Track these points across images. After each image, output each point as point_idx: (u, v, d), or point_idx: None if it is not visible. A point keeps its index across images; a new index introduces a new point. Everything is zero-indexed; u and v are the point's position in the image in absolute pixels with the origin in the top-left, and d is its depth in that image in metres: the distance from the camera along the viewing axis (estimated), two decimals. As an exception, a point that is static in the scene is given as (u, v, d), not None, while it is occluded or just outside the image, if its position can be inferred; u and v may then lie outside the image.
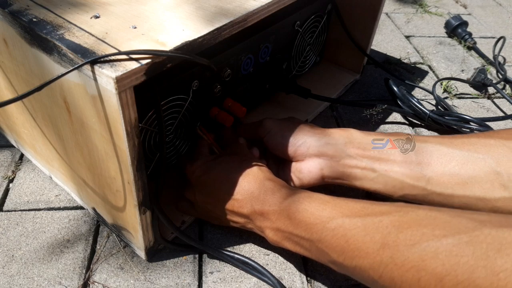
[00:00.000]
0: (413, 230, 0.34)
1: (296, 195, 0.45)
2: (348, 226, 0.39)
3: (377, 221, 0.37)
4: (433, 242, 0.32)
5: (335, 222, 0.40)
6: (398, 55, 0.96)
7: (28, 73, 0.44)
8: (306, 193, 0.45)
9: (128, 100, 0.35)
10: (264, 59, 0.64)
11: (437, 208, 0.37)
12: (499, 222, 0.32)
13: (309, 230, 0.42)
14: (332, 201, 0.43)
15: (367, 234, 0.37)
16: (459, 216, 0.34)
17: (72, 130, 0.44)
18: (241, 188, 0.48)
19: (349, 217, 0.39)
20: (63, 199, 0.58)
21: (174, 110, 0.52)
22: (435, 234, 0.33)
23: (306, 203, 0.43)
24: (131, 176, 0.40)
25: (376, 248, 0.36)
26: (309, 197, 0.44)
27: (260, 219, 0.47)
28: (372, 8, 0.73)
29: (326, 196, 0.44)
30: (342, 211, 0.41)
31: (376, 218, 0.37)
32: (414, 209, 0.37)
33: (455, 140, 0.49)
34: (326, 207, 0.42)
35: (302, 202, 0.44)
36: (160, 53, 0.36)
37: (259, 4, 0.45)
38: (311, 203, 0.43)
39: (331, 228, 0.40)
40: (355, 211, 0.40)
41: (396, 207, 0.38)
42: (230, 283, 0.49)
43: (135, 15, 0.42)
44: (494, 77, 0.91)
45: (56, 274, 0.49)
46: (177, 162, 0.58)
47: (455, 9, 1.21)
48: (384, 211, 0.38)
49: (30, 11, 0.41)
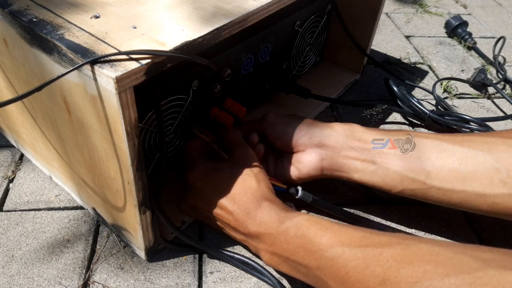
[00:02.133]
0: (415, 266, 0.33)
1: (293, 218, 0.44)
2: (348, 257, 0.38)
3: (378, 253, 0.36)
4: (436, 281, 0.31)
5: (334, 251, 0.39)
6: (398, 55, 0.96)
7: (28, 73, 0.44)
8: (304, 217, 0.44)
9: (128, 100, 0.35)
10: (264, 59, 0.64)
11: (438, 242, 0.36)
12: (503, 262, 0.31)
13: (306, 257, 0.41)
14: (331, 227, 0.41)
15: (368, 267, 0.36)
16: (462, 253, 0.33)
17: (72, 130, 0.44)
18: (239, 205, 0.47)
19: (349, 247, 0.38)
20: (63, 199, 0.58)
21: (174, 110, 0.52)
22: (438, 272, 0.32)
23: (304, 228, 0.42)
24: (131, 176, 0.40)
25: (377, 282, 0.35)
26: (308, 220, 0.43)
27: (256, 240, 0.46)
28: (372, 8, 0.73)
29: (324, 220, 0.43)
30: (342, 239, 0.39)
31: (377, 250, 0.36)
32: (415, 242, 0.36)
33: (455, 137, 0.50)
34: (325, 234, 0.41)
35: (300, 227, 0.43)
36: (160, 53, 0.36)
37: (259, 4, 0.45)
38: (310, 229, 0.42)
39: (330, 257, 0.39)
40: (355, 240, 0.39)
41: (398, 238, 0.37)
42: (230, 283, 0.49)
43: (135, 15, 0.42)
44: (494, 77, 0.91)
45: (56, 274, 0.49)
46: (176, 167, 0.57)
47: (455, 9, 1.21)
48: (384, 242, 0.37)
49: (30, 11, 0.41)
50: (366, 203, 0.61)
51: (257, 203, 0.46)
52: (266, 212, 0.46)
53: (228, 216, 0.48)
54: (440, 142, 0.49)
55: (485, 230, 0.58)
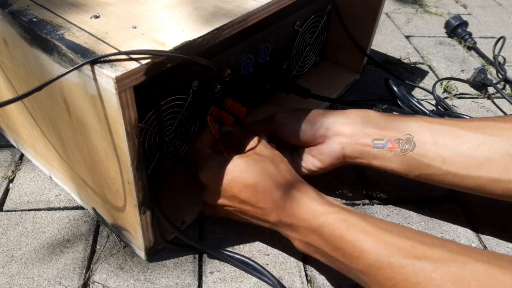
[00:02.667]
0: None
1: (328, 216, 0.42)
2: (396, 269, 0.36)
3: (431, 269, 0.35)
4: None
5: (380, 260, 0.37)
6: (398, 55, 0.96)
7: (28, 73, 0.44)
8: (340, 216, 0.42)
9: (128, 100, 0.35)
10: (264, 59, 0.64)
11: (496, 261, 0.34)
12: None
13: (347, 258, 0.40)
14: (374, 231, 0.40)
15: (419, 284, 0.35)
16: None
17: (72, 130, 0.44)
18: (263, 195, 0.45)
19: (397, 257, 0.37)
20: (63, 199, 0.58)
21: (174, 110, 0.52)
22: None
23: (343, 229, 0.40)
24: (131, 176, 0.40)
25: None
26: (345, 221, 0.41)
27: (288, 229, 0.45)
28: (372, 8, 0.73)
29: (363, 222, 0.41)
30: (388, 248, 0.38)
31: (429, 266, 0.35)
32: (472, 261, 0.34)
33: (471, 123, 0.50)
34: (368, 239, 0.39)
35: (336, 227, 0.41)
36: (160, 53, 0.36)
37: (259, 4, 0.45)
38: (349, 231, 0.40)
39: (375, 266, 0.37)
40: (404, 250, 0.37)
41: (451, 254, 0.36)
42: (230, 283, 0.49)
43: (135, 15, 0.42)
44: (494, 77, 0.91)
45: (56, 274, 0.49)
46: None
47: (455, 9, 1.21)
48: (437, 257, 0.35)
49: (30, 11, 0.41)
50: (366, 203, 0.61)
51: (282, 190, 0.45)
52: (296, 203, 0.44)
53: (253, 209, 0.46)
54: (455, 129, 0.50)
55: (485, 230, 0.58)
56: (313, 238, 0.43)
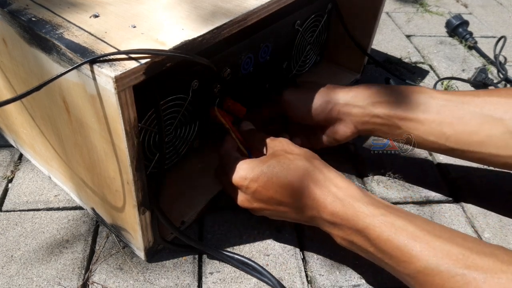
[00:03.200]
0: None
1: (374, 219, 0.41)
2: (446, 277, 0.36)
3: (481, 280, 0.34)
4: None
5: (429, 267, 0.37)
6: (399, 54, 0.96)
7: (27, 73, 0.44)
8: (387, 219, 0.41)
9: (127, 100, 0.35)
10: (264, 58, 0.64)
11: None
12: None
13: (394, 261, 0.40)
14: (422, 236, 0.39)
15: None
16: None
17: (71, 130, 0.44)
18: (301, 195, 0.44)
19: (446, 265, 0.36)
20: (62, 199, 0.58)
21: (174, 109, 0.52)
22: None
23: (391, 233, 0.40)
24: (130, 176, 0.40)
25: None
26: (392, 225, 0.40)
27: (330, 226, 0.45)
28: (372, 7, 0.73)
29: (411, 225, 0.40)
30: (437, 255, 0.37)
31: (480, 276, 0.35)
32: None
33: (477, 99, 0.52)
34: (416, 244, 0.38)
35: (383, 230, 0.40)
36: (160, 52, 0.36)
37: (259, 3, 0.45)
38: (397, 234, 0.39)
39: (424, 272, 0.37)
40: (453, 258, 0.36)
41: (502, 264, 0.35)
42: (230, 284, 0.49)
43: (134, 14, 0.42)
44: (495, 76, 0.91)
45: (55, 275, 0.49)
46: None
47: (455, 9, 1.20)
48: (488, 267, 0.35)
49: (29, 11, 0.41)
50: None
51: (321, 188, 0.44)
52: (338, 202, 0.43)
53: (291, 209, 0.46)
54: (462, 105, 0.52)
55: (485, 230, 0.58)
56: (357, 239, 0.42)
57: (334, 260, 0.53)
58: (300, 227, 0.56)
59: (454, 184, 0.65)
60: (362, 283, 0.50)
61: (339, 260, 0.53)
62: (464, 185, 0.64)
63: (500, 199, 0.62)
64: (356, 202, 0.43)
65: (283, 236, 0.55)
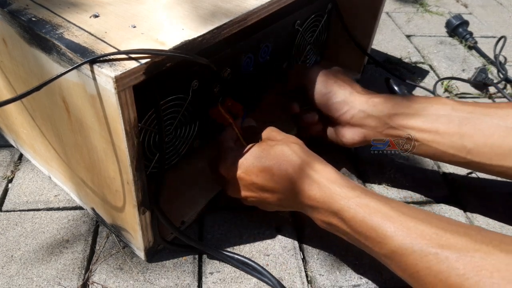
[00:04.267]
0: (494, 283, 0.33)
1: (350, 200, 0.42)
2: (419, 257, 0.37)
3: (454, 259, 0.35)
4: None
5: (403, 247, 0.38)
6: (399, 54, 0.96)
7: (27, 73, 0.44)
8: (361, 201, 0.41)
9: (127, 100, 0.35)
10: (264, 58, 0.64)
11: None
12: None
13: (370, 242, 0.41)
14: (396, 216, 0.39)
15: (442, 272, 0.35)
16: None
17: (71, 130, 0.44)
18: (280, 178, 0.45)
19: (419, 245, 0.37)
20: (62, 199, 0.58)
21: (174, 109, 0.52)
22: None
23: (365, 214, 0.40)
24: (130, 176, 0.40)
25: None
26: (366, 206, 0.41)
27: (309, 210, 0.46)
28: (372, 7, 0.73)
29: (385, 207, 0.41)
30: (411, 235, 0.38)
31: (453, 255, 0.35)
32: (495, 251, 0.34)
33: (500, 111, 0.51)
34: (391, 225, 0.39)
35: (358, 212, 0.41)
36: (160, 52, 0.36)
37: (259, 3, 0.45)
38: (371, 216, 0.40)
39: (398, 252, 0.38)
40: (427, 237, 0.37)
41: (475, 243, 0.36)
42: (230, 284, 0.49)
43: (134, 14, 0.42)
44: (495, 76, 0.91)
45: (55, 275, 0.49)
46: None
47: (455, 9, 1.20)
48: (461, 246, 0.36)
49: (29, 11, 0.41)
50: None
51: (299, 171, 0.44)
52: (315, 185, 0.44)
53: (273, 195, 0.47)
54: (484, 118, 0.50)
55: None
56: (335, 220, 0.43)
57: (334, 260, 0.53)
58: (300, 227, 0.56)
59: (454, 184, 0.65)
60: (362, 283, 0.50)
61: (339, 260, 0.53)
62: (464, 185, 0.64)
63: (500, 199, 0.62)
64: (331, 185, 0.43)
65: (283, 236, 0.55)
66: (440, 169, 0.67)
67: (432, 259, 0.36)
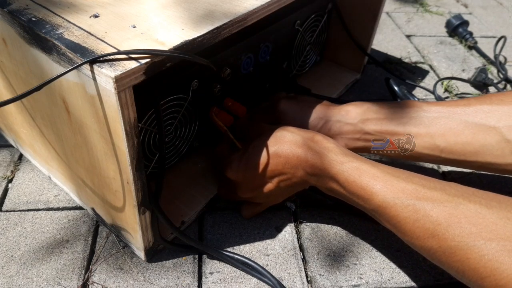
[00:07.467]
0: (461, 227, 0.37)
1: (343, 165, 0.46)
2: (400, 208, 0.41)
3: (429, 208, 0.39)
4: (479, 244, 0.36)
5: (386, 201, 0.42)
6: (399, 54, 0.96)
7: (27, 73, 0.44)
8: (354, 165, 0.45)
9: (127, 100, 0.35)
10: (264, 58, 0.64)
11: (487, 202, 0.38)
12: None
13: (361, 200, 0.44)
14: (382, 176, 0.44)
15: (418, 220, 0.40)
16: (507, 218, 0.36)
17: (71, 130, 0.44)
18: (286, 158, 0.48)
19: (400, 199, 0.41)
20: (62, 199, 0.58)
21: (174, 109, 0.52)
22: (482, 236, 0.36)
23: (356, 176, 0.45)
24: (130, 176, 0.40)
25: (426, 235, 0.39)
26: (357, 169, 0.45)
27: (313, 178, 0.48)
28: (372, 7, 0.73)
29: (374, 169, 0.45)
30: (393, 190, 0.42)
31: (428, 205, 0.40)
32: (465, 202, 0.39)
33: (468, 108, 0.52)
34: (377, 183, 0.43)
35: (350, 174, 0.45)
36: (160, 52, 0.36)
37: (259, 3, 0.45)
38: (361, 177, 0.44)
39: (382, 206, 0.42)
40: (407, 192, 0.42)
41: (448, 196, 0.40)
42: (230, 284, 0.49)
43: (134, 14, 0.42)
44: (495, 76, 0.91)
45: (55, 275, 0.49)
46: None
47: (456, 9, 1.20)
48: (436, 198, 0.40)
49: (29, 11, 0.41)
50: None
51: (302, 146, 0.48)
52: (316, 155, 0.47)
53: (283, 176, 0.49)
54: (453, 116, 0.52)
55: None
56: (334, 185, 0.47)
57: (334, 260, 0.53)
58: (300, 227, 0.56)
59: (454, 184, 0.65)
60: (362, 283, 0.50)
61: (339, 260, 0.53)
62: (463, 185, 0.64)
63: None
64: (329, 153, 0.47)
65: (283, 236, 0.55)
66: (440, 168, 0.67)
67: (411, 209, 0.41)
